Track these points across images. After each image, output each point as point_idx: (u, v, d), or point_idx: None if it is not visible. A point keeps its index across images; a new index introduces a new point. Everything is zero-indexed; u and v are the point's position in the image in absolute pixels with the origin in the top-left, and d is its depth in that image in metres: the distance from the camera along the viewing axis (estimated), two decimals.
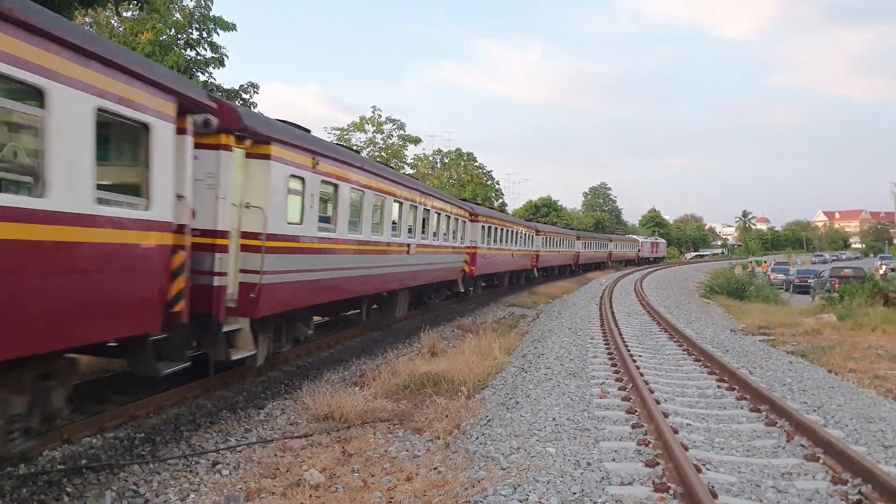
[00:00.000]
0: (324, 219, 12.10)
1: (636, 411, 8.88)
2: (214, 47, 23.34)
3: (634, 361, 12.22)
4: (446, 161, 57.18)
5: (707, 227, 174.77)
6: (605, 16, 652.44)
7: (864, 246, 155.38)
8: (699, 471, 6.43)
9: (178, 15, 22.72)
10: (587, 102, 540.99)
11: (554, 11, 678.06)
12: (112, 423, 8.31)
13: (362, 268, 14.33)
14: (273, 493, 6.66)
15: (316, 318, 14.10)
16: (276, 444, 8.26)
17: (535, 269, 40.97)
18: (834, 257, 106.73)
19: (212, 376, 10.40)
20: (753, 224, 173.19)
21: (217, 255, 8.97)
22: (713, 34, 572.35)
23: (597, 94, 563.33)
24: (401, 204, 16.73)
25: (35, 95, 5.71)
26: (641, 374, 11.00)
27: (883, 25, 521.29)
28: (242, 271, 9.59)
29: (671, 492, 6.03)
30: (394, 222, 16.35)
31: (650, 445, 7.41)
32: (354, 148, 44.69)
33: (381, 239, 15.31)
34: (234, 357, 9.70)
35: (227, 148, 9.05)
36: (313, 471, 7.13)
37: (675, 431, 7.76)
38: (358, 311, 16.21)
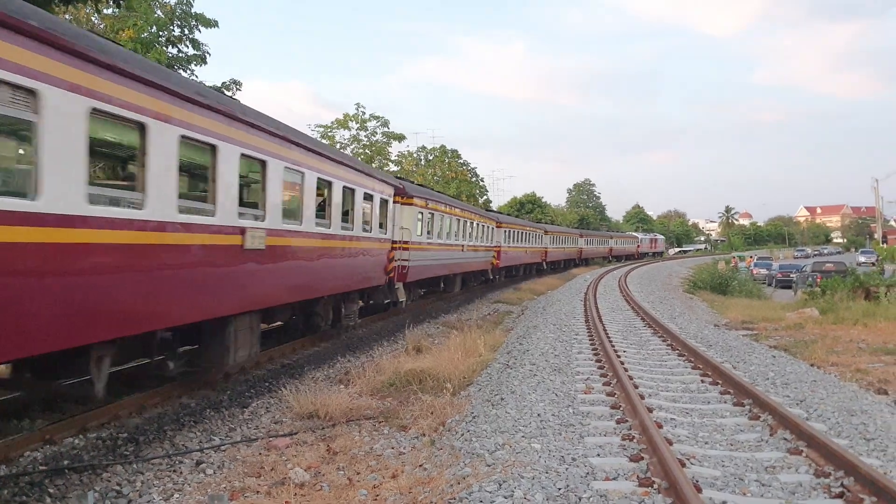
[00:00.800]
0: (428, 231, 21.58)
1: (621, 406, 8.92)
2: (196, 44, 23.16)
3: (619, 357, 12.27)
4: (430, 158, 57.05)
5: (690, 223, 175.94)
6: (587, 12, 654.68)
7: (845, 240, 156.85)
8: (683, 465, 6.47)
9: (159, 12, 22.51)
10: (571, 99, 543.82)
11: (536, 8, 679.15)
12: (94, 423, 8.24)
13: (441, 259, 23.53)
14: (258, 491, 6.63)
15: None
16: (260, 442, 8.22)
17: (544, 263, 49.73)
18: (816, 252, 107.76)
19: (390, 308, 20.97)
20: (736, 219, 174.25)
21: (394, 251, 18.34)
22: (697, 31, 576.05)
23: (580, 91, 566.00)
24: (458, 220, 26.25)
25: (350, 193, 14.18)
26: (626, 370, 11.06)
27: (866, 20, 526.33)
28: (400, 259, 18.65)
29: (656, 486, 6.05)
30: (455, 232, 25.65)
31: (635, 440, 7.44)
32: (339, 146, 45.08)
33: (450, 242, 24.68)
34: (399, 300, 19.18)
35: (397, 202, 18.77)
36: (298, 469, 7.10)
37: (660, 426, 7.80)
38: (435, 287, 25.86)
